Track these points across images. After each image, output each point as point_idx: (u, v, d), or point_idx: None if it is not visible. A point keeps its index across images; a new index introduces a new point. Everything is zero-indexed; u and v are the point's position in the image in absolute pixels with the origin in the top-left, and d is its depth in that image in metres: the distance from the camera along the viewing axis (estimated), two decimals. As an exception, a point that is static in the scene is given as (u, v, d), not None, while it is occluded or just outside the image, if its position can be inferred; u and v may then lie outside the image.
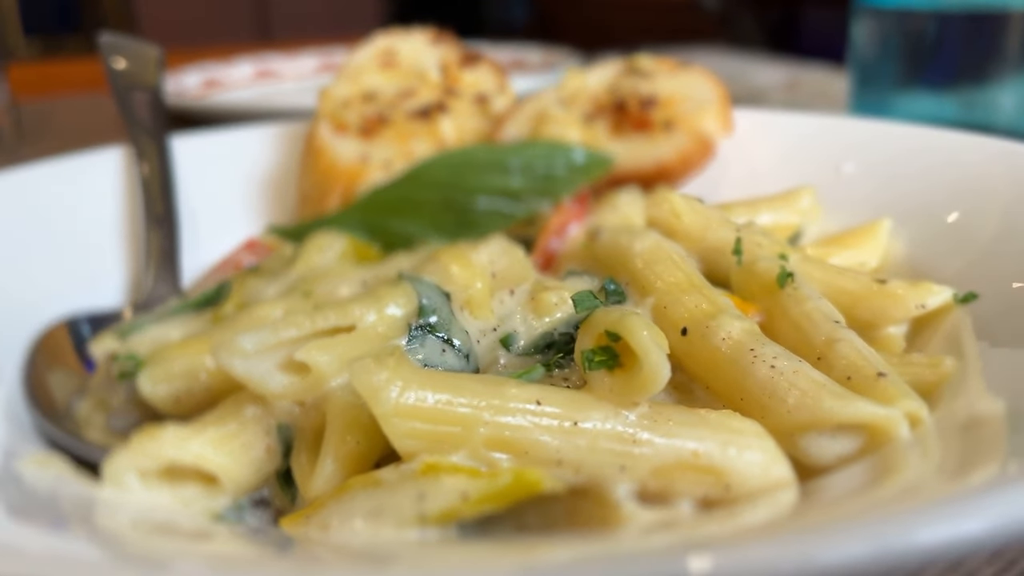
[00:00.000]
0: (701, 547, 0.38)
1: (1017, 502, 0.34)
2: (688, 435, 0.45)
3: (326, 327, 0.48)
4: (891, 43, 1.50)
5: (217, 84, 2.08)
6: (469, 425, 0.42)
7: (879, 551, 0.33)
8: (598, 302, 0.53)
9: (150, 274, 0.75)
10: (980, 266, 0.68)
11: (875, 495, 0.44)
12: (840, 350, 0.53)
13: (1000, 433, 0.48)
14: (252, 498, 0.48)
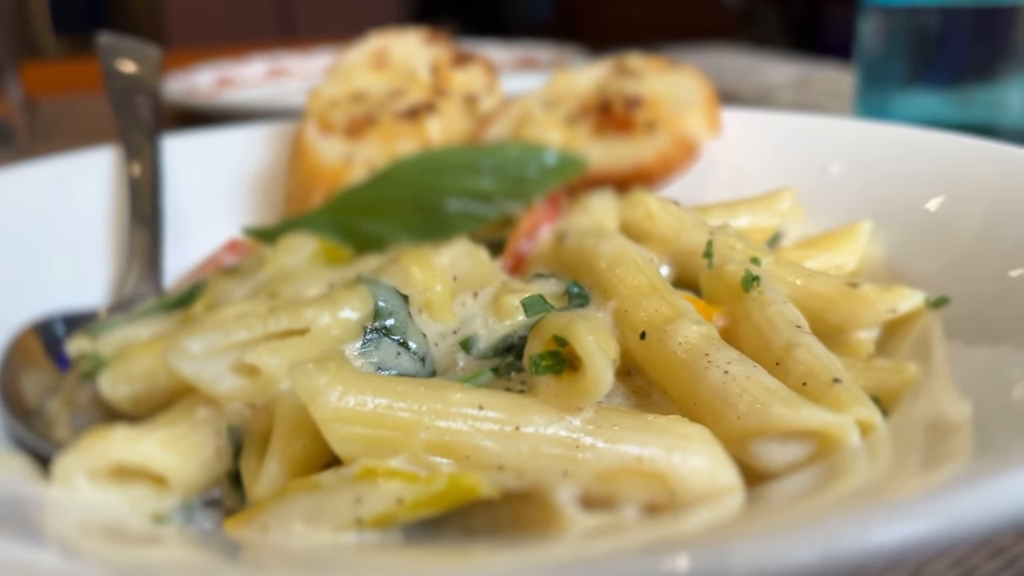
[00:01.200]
0: (640, 552, 0.38)
1: (964, 504, 0.34)
2: (633, 440, 0.45)
3: (278, 330, 0.48)
4: (897, 41, 1.49)
5: (230, 82, 2.10)
6: (409, 430, 0.42)
7: (814, 554, 0.32)
8: (549, 307, 0.53)
9: (133, 273, 0.76)
10: (956, 269, 0.67)
11: (818, 499, 0.44)
12: (798, 355, 0.53)
13: (962, 437, 0.48)
14: (203, 498, 0.49)
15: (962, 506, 0.34)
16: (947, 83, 1.44)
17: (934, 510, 0.34)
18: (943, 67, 1.45)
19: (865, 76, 1.53)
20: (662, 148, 0.76)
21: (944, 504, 0.34)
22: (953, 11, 1.43)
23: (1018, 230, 0.65)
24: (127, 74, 0.99)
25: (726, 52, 2.66)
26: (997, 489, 0.35)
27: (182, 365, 0.46)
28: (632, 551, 0.41)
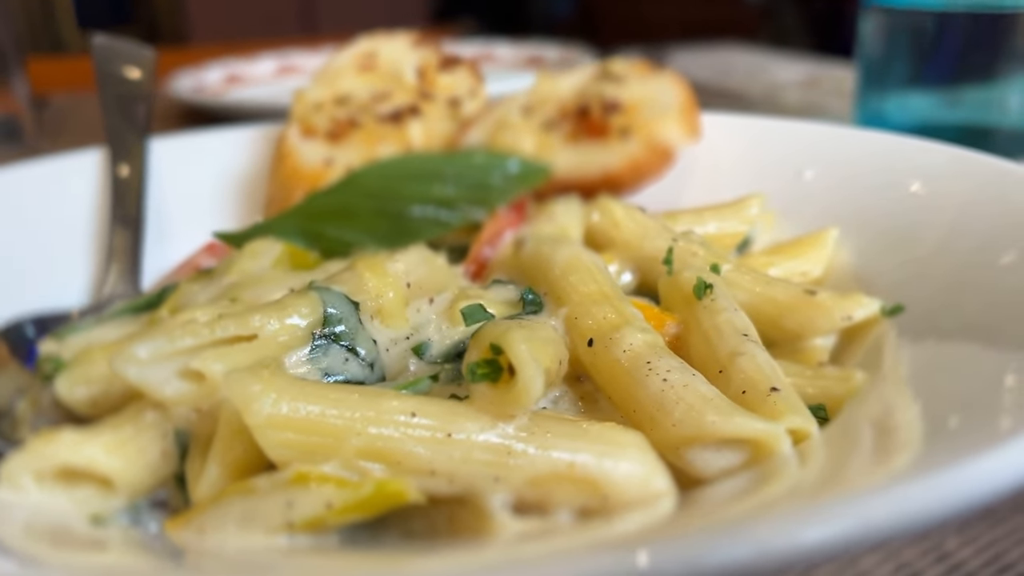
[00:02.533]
0: (568, 554, 0.39)
1: (885, 506, 0.35)
2: (565, 447, 0.46)
3: (225, 336, 0.50)
4: (897, 41, 1.49)
5: (239, 79, 2.12)
6: (340, 436, 0.44)
7: (725, 555, 0.33)
8: (489, 316, 0.54)
9: (111, 275, 0.78)
10: (920, 276, 0.68)
11: (742, 503, 0.45)
12: (740, 364, 0.54)
13: (904, 439, 0.49)
14: (150, 500, 0.50)
15: (877, 508, 0.35)
16: (946, 84, 1.44)
17: (849, 511, 0.35)
18: (942, 68, 1.45)
19: (866, 75, 1.54)
20: (633, 155, 0.77)
21: (862, 505, 0.35)
22: (952, 14, 1.43)
23: (981, 239, 0.66)
24: (120, 76, 1.00)
25: (736, 51, 2.66)
26: (911, 493, 0.35)
27: (128, 370, 0.48)
28: (557, 554, 0.42)
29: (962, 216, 0.69)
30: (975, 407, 0.49)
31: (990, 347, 0.55)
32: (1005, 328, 0.55)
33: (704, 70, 2.34)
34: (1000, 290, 0.60)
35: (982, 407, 0.48)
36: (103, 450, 0.48)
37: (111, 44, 1.05)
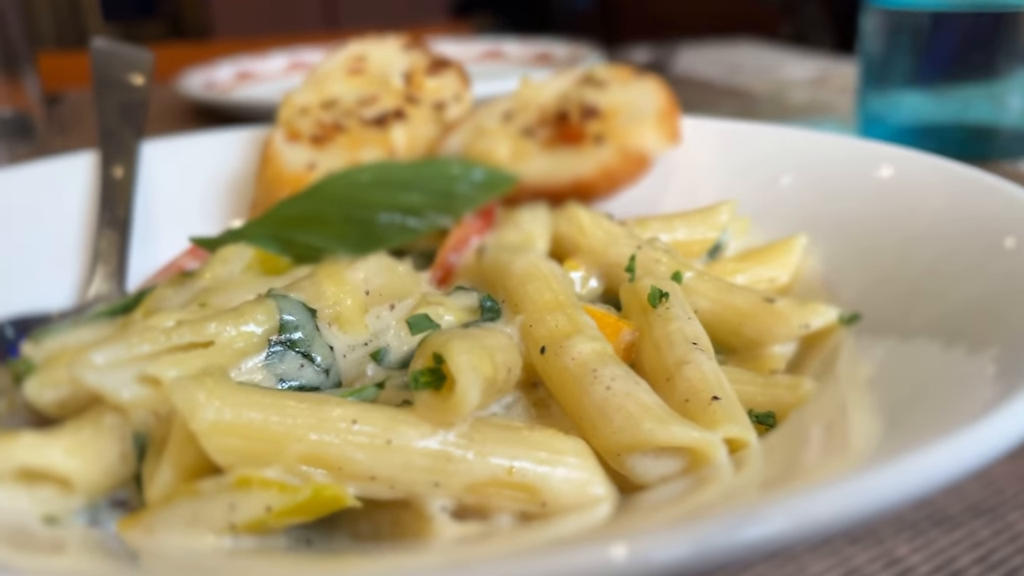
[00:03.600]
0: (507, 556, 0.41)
1: (811, 505, 0.36)
2: (503, 453, 0.48)
3: (181, 343, 0.52)
4: (898, 41, 1.50)
5: (250, 76, 2.14)
6: (282, 442, 0.46)
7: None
8: (435, 325, 0.56)
9: (98, 277, 0.80)
10: (882, 284, 0.69)
11: (674, 507, 0.46)
12: (686, 372, 0.55)
13: (841, 446, 0.50)
14: (111, 499, 0.52)
15: (807, 508, 0.36)
16: (945, 83, 1.44)
17: (776, 511, 0.36)
18: (941, 67, 1.45)
19: (867, 74, 1.54)
20: (606, 161, 0.78)
21: (790, 505, 0.36)
22: (951, 14, 1.43)
23: (945, 246, 0.67)
24: (118, 80, 1.02)
25: (747, 48, 2.66)
26: (838, 493, 0.37)
27: (86, 375, 0.50)
28: (490, 554, 0.44)
29: (928, 224, 0.70)
30: (917, 411, 0.50)
31: (943, 352, 0.56)
32: (961, 333, 0.56)
33: (713, 67, 2.34)
34: (958, 297, 0.61)
35: (922, 411, 0.50)
36: (62, 452, 0.50)
37: (110, 47, 1.07)
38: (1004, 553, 0.60)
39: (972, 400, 0.45)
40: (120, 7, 7.58)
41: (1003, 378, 0.47)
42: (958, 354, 0.55)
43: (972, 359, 0.53)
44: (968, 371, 0.51)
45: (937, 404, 0.49)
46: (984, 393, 0.46)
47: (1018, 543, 0.61)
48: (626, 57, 2.36)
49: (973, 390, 0.48)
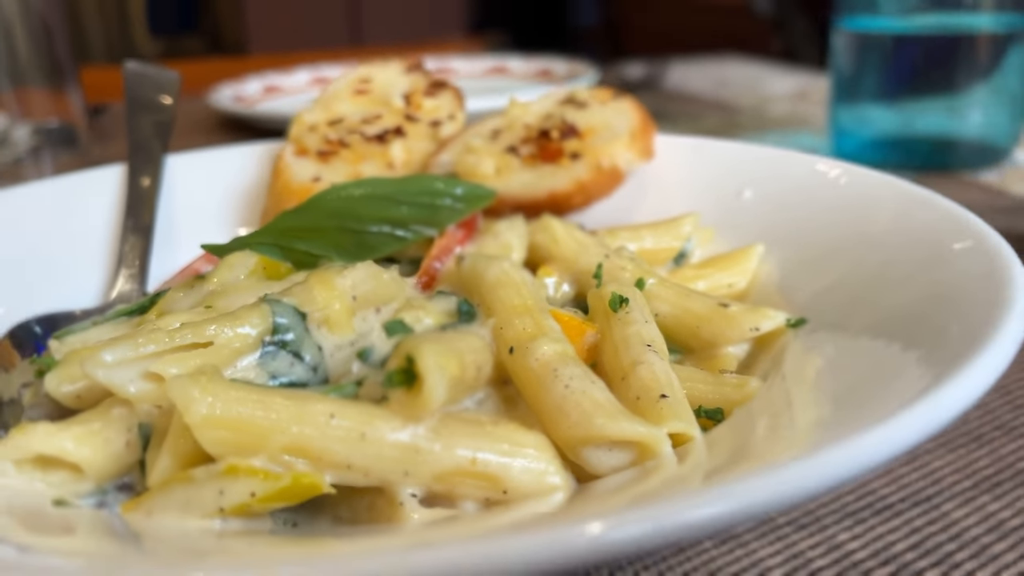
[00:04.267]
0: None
1: (749, 491, 0.37)
2: (468, 445, 0.49)
3: (183, 343, 0.53)
4: (866, 60, 1.50)
5: (276, 90, 2.16)
6: (267, 434, 0.47)
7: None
8: (408, 329, 0.57)
9: (121, 278, 0.82)
10: (830, 290, 0.70)
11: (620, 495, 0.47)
12: (639, 372, 0.56)
13: (776, 438, 0.52)
14: (117, 483, 0.54)
15: (740, 492, 0.37)
16: (909, 99, 1.45)
17: (709, 496, 0.37)
18: (905, 85, 1.46)
19: (837, 90, 1.55)
20: (580, 177, 0.79)
21: (723, 491, 0.38)
22: (912, 37, 1.43)
23: (887, 256, 0.68)
24: (148, 98, 1.04)
25: (735, 63, 2.66)
26: (766, 480, 0.38)
27: (97, 372, 0.51)
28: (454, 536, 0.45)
29: (873, 235, 0.71)
30: (855, 401, 0.51)
31: (881, 350, 0.57)
32: (897, 334, 0.57)
33: (703, 81, 2.35)
34: (896, 302, 0.62)
35: (860, 402, 0.51)
36: (72, 441, 0.52)
37: (142, 69, 1.09)
38: (937, 540, 0.61)
39: (904, 391, 0.46)
40: (165, 23, 7.62)
41: (931, 371, 0.48)
42: (894, 351, 0.56)
43: (905, 355, 0.54)
44: (901, 366, 0.52)
45: (873, 395, 0.50)
46: (915, 384, 0.47)
47: (951, 531, 0.62)
48: (621, 72, 2.37)
49: (905, 382, 0.49)
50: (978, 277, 0.57)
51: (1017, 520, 0.62)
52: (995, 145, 1.48)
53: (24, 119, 1.86)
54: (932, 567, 0.58)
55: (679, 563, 0.59)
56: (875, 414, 0.43)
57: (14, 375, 0.66)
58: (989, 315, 0.50)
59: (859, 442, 0.40)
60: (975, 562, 0.58)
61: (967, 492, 0.65)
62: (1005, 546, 0.60)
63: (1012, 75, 1.41)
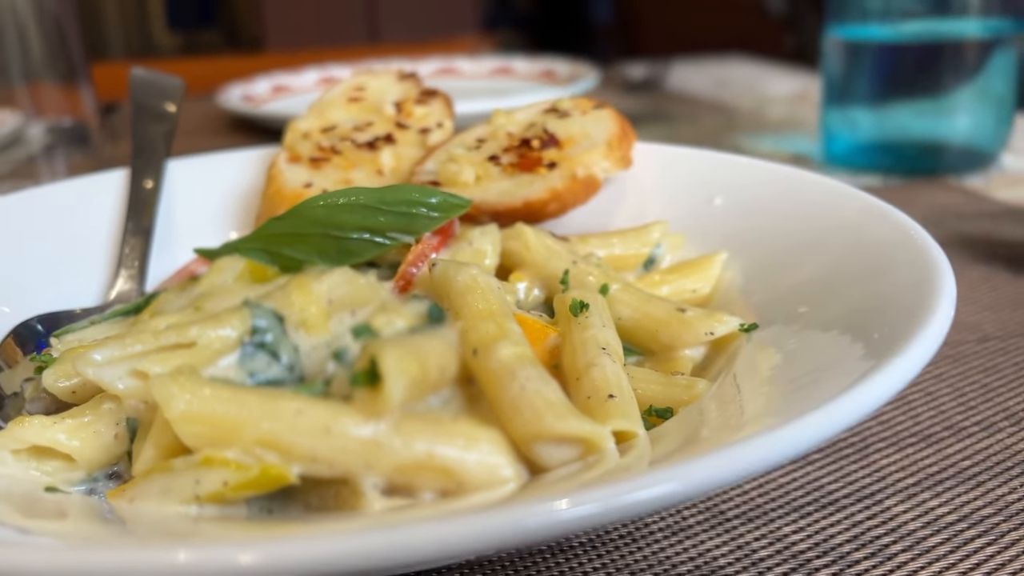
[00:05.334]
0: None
1: (696, 472, 0.42)
2: (426, 440, 0.53)
3: (168, 344, 0.58)
4: (855, 67, 1.54)
5: (284, 89, 2.21)
6: (239, 429, 0.51)
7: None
8: (374, 333, 0.61)
9: (120, 279, 0.87)
10: (787, 295, 0.74)
11: (560, 485, 0.52)
12: (592, 373, 0.60)
13: (729, 424, 0.56)
14: (106, 472, 0.59)
15: (674, 477, 0.42)
16: (897, 104, 1.48)
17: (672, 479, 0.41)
18: (892, 90, 1.49)
19: (828, 94, 1.58)
20: (555, 186, 0.83)
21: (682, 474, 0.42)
22: (900, 45, 1.47)
23: (839, 262, 0.72)
24: (152, 104, 1.09)
25: (738, 64, 2.68)
26: (699, 465, 0.42)
27: (88, 370, 0.56)
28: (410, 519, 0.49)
29: (826, 242, 0.75)
30: (793, 394, 0.56)
31: (829, 344, 0.62)
32: (844, 329, 0.62)
33: (704, 82, 2.38)
34: (843, 305, 0.66)
35: (797, 394, 0.55)
36: (65, 433, 0.57)
37: (147, 76, 1.14)
38: (876, 533, 0.65)
39: (846, 377, 0.51)
40: (183, 17, 7.68)
41: (870, 359, 0.52)
42: (841, 345, 0.60)
43: (850, 348, 0.58)
44: (846, 357, 0.57)
45: (815, 385, 0.55)
46: (856, 370, 0.51)
47: (889, 525, 0.66)
48: (624, 73, 2.40)
49: (848, 369, 0.53)
50: (914, 284, 0.61)
51: (953, 516, 0.66)
52: (982, 150, 1.51)
53: (38, 117, 1.90)
54: (867, 558, 0.62)
55: (630, 552, 0.63)
56: (814, 400, 0.47)
57: (17, 371, 0.71)
58: (918, 317, 0.55)
59: (798, 425, 0.44)
60: (908, 554, 0.62)
61: (909, 488, 0.69)
62: (939, 540, 0.64)
63: (997, 80, 1.44)
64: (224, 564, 0.37)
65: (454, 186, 0.85)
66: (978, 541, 0.63)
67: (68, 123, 1.88)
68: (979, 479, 0.70)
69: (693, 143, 0.99)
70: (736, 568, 0.61)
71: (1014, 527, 0.65)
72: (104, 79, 2.09)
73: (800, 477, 0.71)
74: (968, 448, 0.74)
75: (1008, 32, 1.43)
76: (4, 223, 0.86)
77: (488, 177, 0.86)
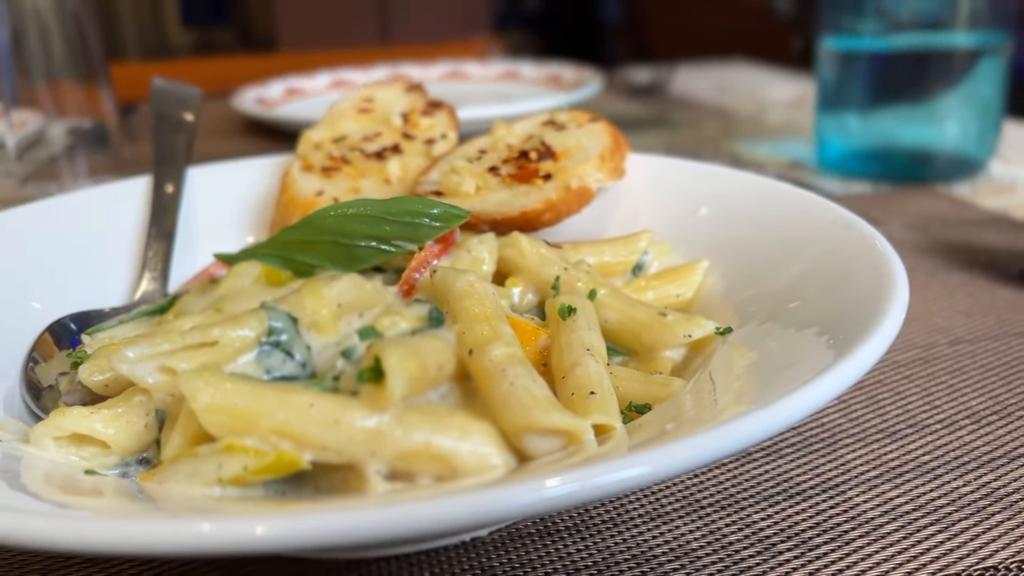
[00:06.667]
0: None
1: (675, 455, 0.47)
2: (424, 431, 0.59)
3: (193, 343, 0.64)
4: (848, 76, 1.59)
5: (297, 92, 2.27)
6: (257, 419, 0.58)
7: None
8: (379, 334, 0.68)
9: (145, 280, 0.93)
10: (760, 299, 0.80)
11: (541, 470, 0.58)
12: (576, 372, 0.67)
13: (683, 424, 0.62)
14: (138, 457, 0.65)
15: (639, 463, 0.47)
16: (888, 113, 1.54)
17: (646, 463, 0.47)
18: (884, 100, 1.54)
19: (822, 102, 1.64)
20: (549, 197, 0.89)
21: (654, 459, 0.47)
22: (891, 55, 1.52)
23: (810, 269, 0.78)
24: (172, 114, 1.15)
25: (740, 68, 2.74)
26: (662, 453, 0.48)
27: (121, 367, 0.62)
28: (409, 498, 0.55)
29: (799, 250, 0.81)
30: (763, 386, 0.62)
31: (798, 341, 0.68)
32: (812, 328, 0.68)
33: (707, 86, 2.43)
34: (811, 307, 0.72)
35: (767, 385, 0.61)
36: (101, 422, 0.63)
37: (167, 86, 1.20)
38: (837, 521, 0.71)
39: (811, 367, 0.57)
40: (196, 15, 7.76)
41: (832, 351, 0.59)
42: (807, 344, 0.66)
43: (816, 342, 0.64)
44: (812, 351, 0.63)
45: (783, 377, 0.61)
46: (820, 362, 0.58)
47: (850, 514, 0.72)
48: (629, 78, 2.46)
49: (813, 361, 0.59)
50: (873, 291, 0.67)
51: (910, 506, 0.72)
52: (970, 158, 1.57)
53: (59, 118, 1.95)
54: (827, 543, 0.68)
55: (611, 536, 0.69)
56: (781, 389, 0.53)
57: (52, 364, 0.78)
58: (875, 317, 0.61)
59: (766, 411, 0.50)
60: (865, 539, 0.68)
61: (871, 480, 0.75)
62: (894, 527, 0.70)
63: (984, 90, 1.50)
64: (243, 534, 0.43)
65: (456, 196, 0.92)
66: (930, 528, 0.69)
67: (88, 124, 1.94)
68: (936, 472, 0.76)
69: (693, 149, 1.06)
70: (707, 551, 0.67)
71: (964, 516, 0.71)
72: (121, 78, 2.15)
73: (771, 469, 0.77)
74: (929, 444, 0.80)
75: (994, 44, 1.48)
76: (38, 227, 0.93)
77: (487, 188, 0.93)
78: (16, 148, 1.86)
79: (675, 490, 0.74)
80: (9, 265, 0.86)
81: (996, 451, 0.79)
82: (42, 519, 0.45)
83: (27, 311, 0.83)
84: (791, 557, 0.67)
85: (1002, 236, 1.28)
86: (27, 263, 0.87)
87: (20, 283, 0.85)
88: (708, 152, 1.77)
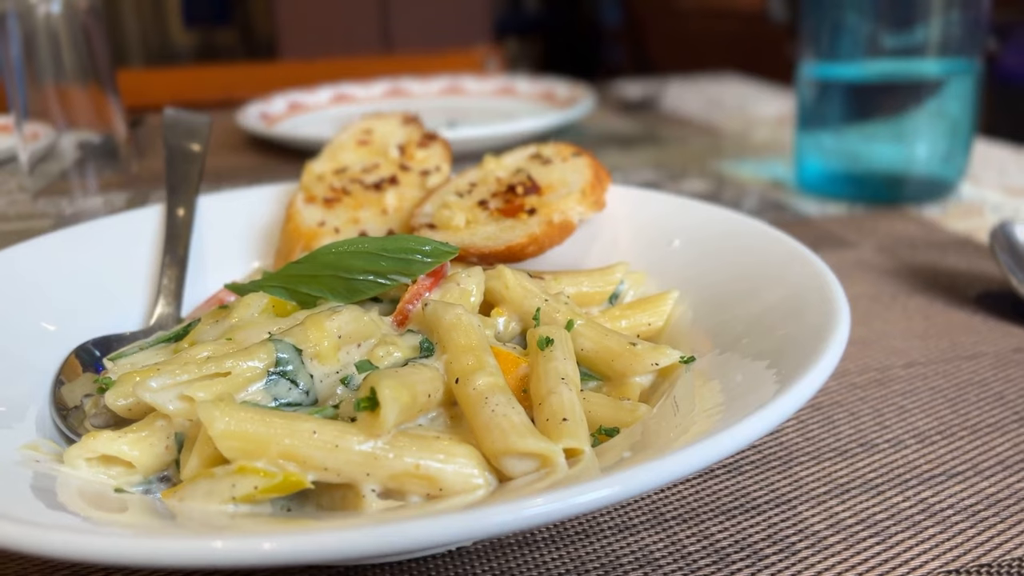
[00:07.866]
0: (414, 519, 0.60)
1: (636, 477, 0.55)
2: (414, 455, 0.67)
3: (208, 373, 0.72)
4: (824, 104, 1.66)
5: (300, 107, 2.35)
6: (266, 444, 0.65)
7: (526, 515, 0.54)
8: (374, 367, 0.75)
9: (160, 305, 1.01)
10: (725, 327, 0.88)
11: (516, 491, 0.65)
12: (551, 400, 0.74)
13: (647, 446, 0.70)
14: (159, 476, 0.73)
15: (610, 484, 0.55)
16: (860, 136, 1.61)
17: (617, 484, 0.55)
18: (856, 123, 1.62)
19: (800, 125, 1.71)
20: (533, 231, 0.97)
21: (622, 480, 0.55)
22: (866, 85, 1.60)
23: (772, 302, 0.86)
24: (181, 146, 1.23)
25: (731, 83, 2.81)
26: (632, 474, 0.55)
27: (145, 395, 0.70)
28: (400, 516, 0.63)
29: (759, 283, 0.89)
30: (720, 411, 0.70)
31: (752, 371, 0.76)
32: (766, 359, 0.75)
33: (697, 101, 2.51)
34: (770, 336, 0.80)
35: (724, 410, 0.69)
36: (127, 444, 0.71)
37: (177, 116, 1.28)
38: (786, 534, 0.78)
39: (759, 397, 0.65)
40: (198, 16, 7.83)
41: (779, 383, 0.67)
42: (760, 374, 0.74)
43: (767, 373, 0.72)
44: (763, 381, 0.71)
45: (738, 403, 0.69)
46: (767, 393, 0.65)
47: (799, 527, 0.79)
48: (621, 93, 2.53)
49: (762, 392, 0.67)
50: (819, 326, 0.75)
51: (853, 520, 0.80)
52: (940, 180, 1.64)
53: (69, 129, 2.01)
54: (776, 554, 0.76)
55: (583, 546, 0.77)
56: (736, 415, 0.61)
57: (76, 384, 0.85)
58: (817, 349, 0.69)
59: (720, 436, 0.58)
60: (811, 551, 0.76)
61: (820, 496, 0.83)
62: (837, 539, 0.77)
63: (954, 113, 1.58)
64: (251, 550, 0.51)
65: (447, 229, 0.99)
66: (870, 541, 0.77)
67: (97, 139, 2.00)
68: (880, 488, 0.84)
69: (680, 167, 1.13)
70: (668, 561, 0.75)
71: (902, 530, 0.78)
72: (127, 85, 2.21)
73: (731, 485, 0.84)
74: (876, 462, 0.88)
75: (962, 71, 1.56)
76: (59, 254, 1.01)
77: (476, 222, 1.00)
78: (29, 162, 1.93)
79: (642, 504, 0.82)
80: (35, 292, 0.93)
81: (936, 469, 0.86)
82: (78, 535, 0.52)
83: (51, 336, 0.91)
84: (743, 567, 0.74)
85: (964, 260, 1.36)
86: (51, 290, 0.95)
87: (45, 310, 0.93)
88: (694, 170, 1.85)
